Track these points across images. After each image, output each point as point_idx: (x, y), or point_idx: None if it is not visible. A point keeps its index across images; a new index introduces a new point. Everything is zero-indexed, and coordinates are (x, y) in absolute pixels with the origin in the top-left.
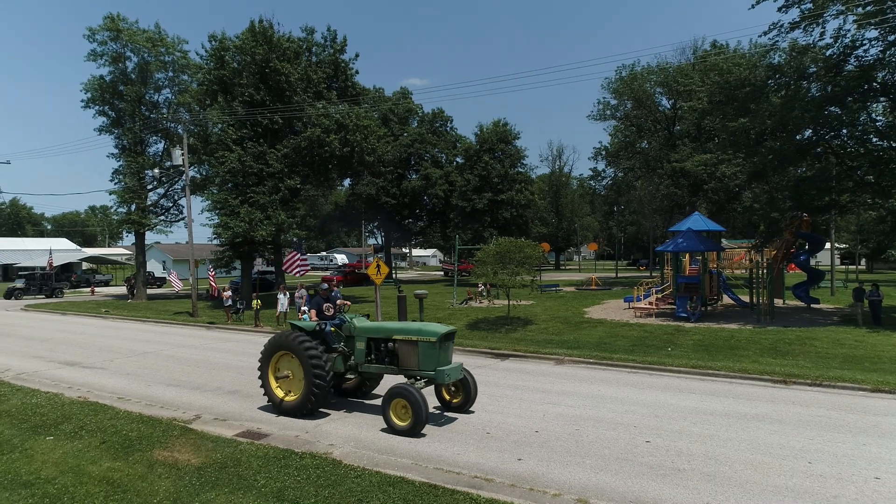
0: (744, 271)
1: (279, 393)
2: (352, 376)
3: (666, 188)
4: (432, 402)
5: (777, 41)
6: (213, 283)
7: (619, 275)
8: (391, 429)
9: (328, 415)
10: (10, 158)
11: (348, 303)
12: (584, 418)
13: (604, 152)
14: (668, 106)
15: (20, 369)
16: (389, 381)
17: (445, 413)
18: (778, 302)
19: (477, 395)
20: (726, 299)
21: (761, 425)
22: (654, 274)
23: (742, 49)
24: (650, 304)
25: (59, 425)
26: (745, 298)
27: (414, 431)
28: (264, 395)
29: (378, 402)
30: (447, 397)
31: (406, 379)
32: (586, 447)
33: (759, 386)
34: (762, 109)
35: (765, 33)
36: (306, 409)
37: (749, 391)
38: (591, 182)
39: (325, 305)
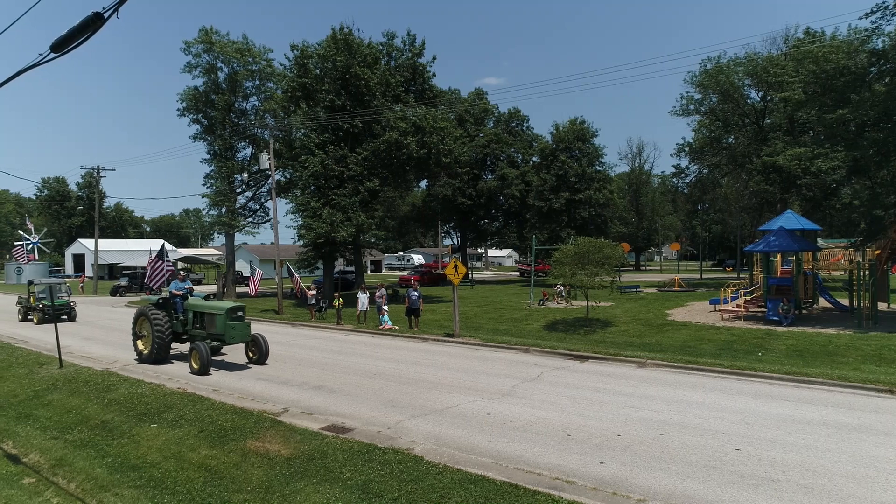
0: (842, 273)
1: None
2: None
3: (756, 185)
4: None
5: (880, 24)
6: (300, 284)
7: (704, 276)
8: None
9: (406, 411)
10: (115, 165)
11: None
12: (668, 423)
13: (687, 149)
14: (758, 98)
15: (126, 361)
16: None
17: None
18: (882, 306)
19: None
20: (822, 302)
21: (864, 437)
22: (741, 275)
23: (840, 35)
24: (738, 306)
25: (161, 414)
26: (844, 301)
27: None
28: None
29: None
30: None
31: None
32: (671, 453)
33: (862, 395)
34: (864, 99)
35: (866, 15)
36: None
37: (850, 400)
38: (674, 180)
39: None
